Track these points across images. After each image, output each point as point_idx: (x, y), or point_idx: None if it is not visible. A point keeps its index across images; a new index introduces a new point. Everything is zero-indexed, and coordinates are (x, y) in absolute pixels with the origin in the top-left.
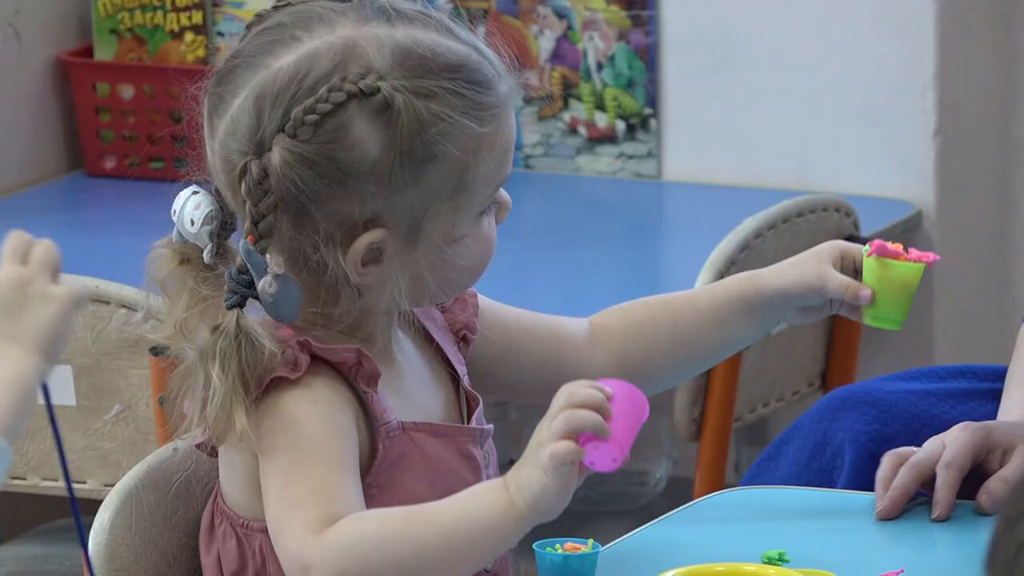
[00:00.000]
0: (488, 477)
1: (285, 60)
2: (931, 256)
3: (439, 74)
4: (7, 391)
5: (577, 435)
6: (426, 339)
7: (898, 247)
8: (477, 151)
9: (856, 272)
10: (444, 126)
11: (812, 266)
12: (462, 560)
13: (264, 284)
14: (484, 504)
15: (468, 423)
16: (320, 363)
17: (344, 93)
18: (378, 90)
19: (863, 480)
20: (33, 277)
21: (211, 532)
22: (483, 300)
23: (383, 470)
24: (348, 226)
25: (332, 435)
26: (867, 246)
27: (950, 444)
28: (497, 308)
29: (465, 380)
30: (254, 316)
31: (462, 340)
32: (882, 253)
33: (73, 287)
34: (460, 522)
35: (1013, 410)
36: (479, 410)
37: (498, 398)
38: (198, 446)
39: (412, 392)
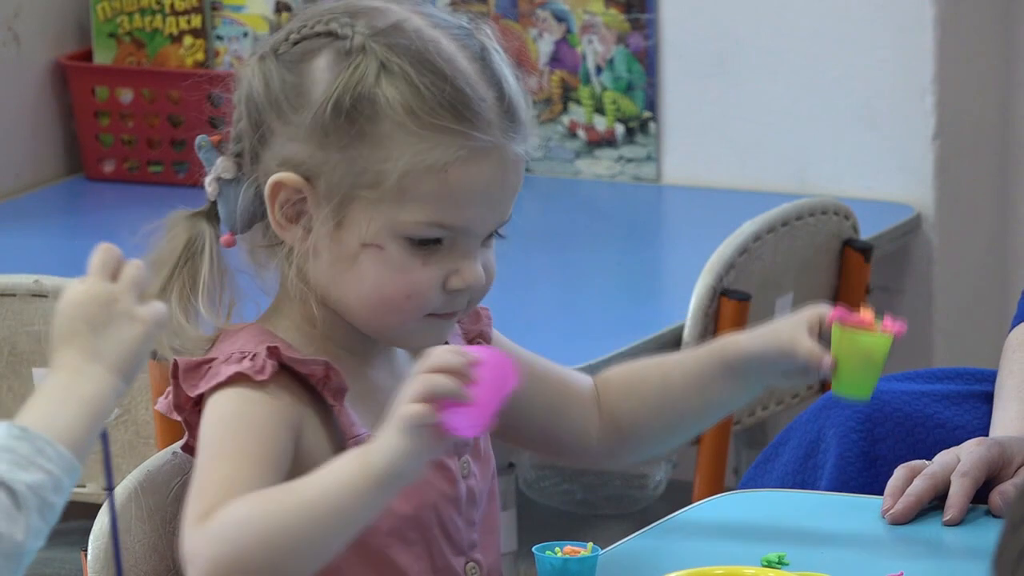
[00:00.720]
0: (468, 488)
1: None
2: (897, 327)
3: (415, 62)
4: (86, 409)
5: (438, 399)
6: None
7: (866, 315)
8: (406, 157)
9: None
10: (384, 105)
11: (787, 331)
12: (330, 528)
13: (206, 181)
14: (345, 470)
15: None
16: (288, 371)
17: (326, 26)
18: (350, 36)
19: (848, 473)
20: (121, 296)
21: None
22: (501, 338)
23: None
24: (283, 164)
25: (259, 439)
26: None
27: (965, 456)
28: (512, 348)
29: None
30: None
31: None
32: (844, 321)
33: (157, 309)
34: (324, 491)
35: (1011, 423)
36: None
37: (499, 439)
38: (184, 448)
39: (382, 406)
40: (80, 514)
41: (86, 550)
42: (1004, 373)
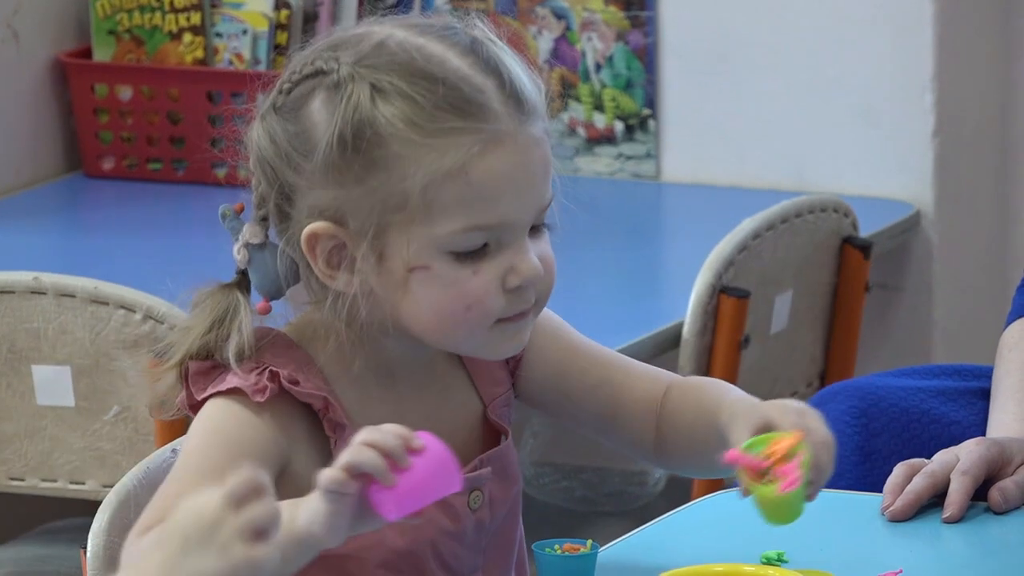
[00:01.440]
0: (477, 519)
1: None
2: (790, 484)
3: (404, 75)
4: None
5: (363, 474)
6: (453, 358)
7: (776, 449)
8: (423, 170)
9: None
10: (386, 126)
11: (742, 428)
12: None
13: (235, 250)
14: None
15: (483, 453)
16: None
17: (312, 66)
18: (336, 69)
19: (843, 466)
20: (230, 527)
21: None
22: (560, 331)
23: None
24: (311, 215)
25: (237, 460)
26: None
27: (965, 455)
28: (574, 348)
29: (496, 403)
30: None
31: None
32: (739, 463)
33: (258, 555)
34: None
35: (1009, 424)
36: (505, 444)
37: (562, 424)
38: None
39: (412, 426)
40: (80, 511)
41: (85, 548)
42: (1000, 372)
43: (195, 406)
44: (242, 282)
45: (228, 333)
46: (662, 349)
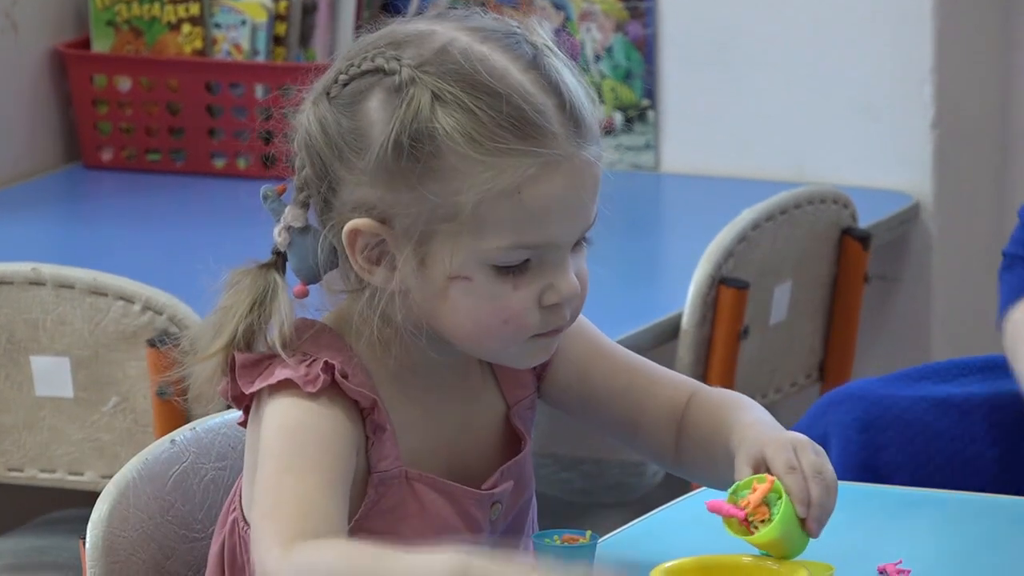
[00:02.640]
0: (493, 530)
1: (377, 34)
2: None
3: (467, 87)
4: None
5: None
6: (483, 360)
7: (750, 501)
8: (477, 186)
9: None
10: (444, 137)
11: (745, 459)
12: None
13: (275, 232)
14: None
15: (508, 462)
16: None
17: (372, 63)
18: (397, 71)
19: (846, 478)
20: None
21: (222, 530)
22: (587, 331)
23: (376, 516)
24: (355, 209)
25: (328, 453)
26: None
27: None
28: (599, 356)
29: (519, 406)
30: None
31: None
32: (720, 513)
33: None
34: None
35: None
36: (523, 454)
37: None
38: (241, 424)
39: (438, 432)
40: (79, 502)
41: (84, 538)
42: (1021, 368)
43: (239, 398)
44: (278, 263)
45: (270, 315)
46: (661, 340)
